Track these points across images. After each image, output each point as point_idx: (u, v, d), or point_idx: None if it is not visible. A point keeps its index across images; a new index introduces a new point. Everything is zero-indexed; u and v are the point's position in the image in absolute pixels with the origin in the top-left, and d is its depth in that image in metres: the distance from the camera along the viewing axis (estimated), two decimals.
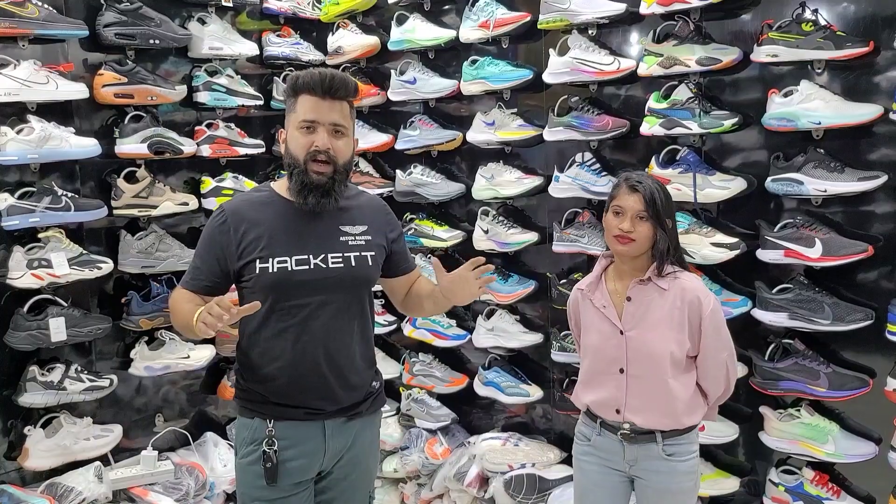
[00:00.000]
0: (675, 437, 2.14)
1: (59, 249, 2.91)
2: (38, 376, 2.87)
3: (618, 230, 2.11)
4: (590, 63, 2.90)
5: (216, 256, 1.99)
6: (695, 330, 2.12)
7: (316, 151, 1.93)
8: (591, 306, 2.23)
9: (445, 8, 3.48)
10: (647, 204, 2.08)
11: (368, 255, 2.05)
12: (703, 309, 2.10)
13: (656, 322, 2.12)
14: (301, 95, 1.96)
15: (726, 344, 2.17)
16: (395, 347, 3.83)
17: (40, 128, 2.85)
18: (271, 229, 1.97)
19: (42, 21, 2.87)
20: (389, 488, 3.63)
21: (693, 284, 2.15)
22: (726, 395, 2.25)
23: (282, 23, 3.82)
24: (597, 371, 2.22)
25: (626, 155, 3.04)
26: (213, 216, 2.04)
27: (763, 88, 2.62)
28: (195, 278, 2.02)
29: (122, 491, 3.08)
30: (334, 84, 1.94)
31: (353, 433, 2.06)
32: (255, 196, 2.07)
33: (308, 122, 1.94)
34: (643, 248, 2.12)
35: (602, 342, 2.19)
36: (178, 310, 2.00)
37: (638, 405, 2.14)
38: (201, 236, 2.05)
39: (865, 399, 2.47)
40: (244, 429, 2.04)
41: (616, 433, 2.17)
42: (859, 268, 2.50)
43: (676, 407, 2.11)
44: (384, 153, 3.71)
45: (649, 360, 2.12)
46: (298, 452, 1.99)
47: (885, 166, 2.42)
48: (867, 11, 2.46)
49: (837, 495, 2.54)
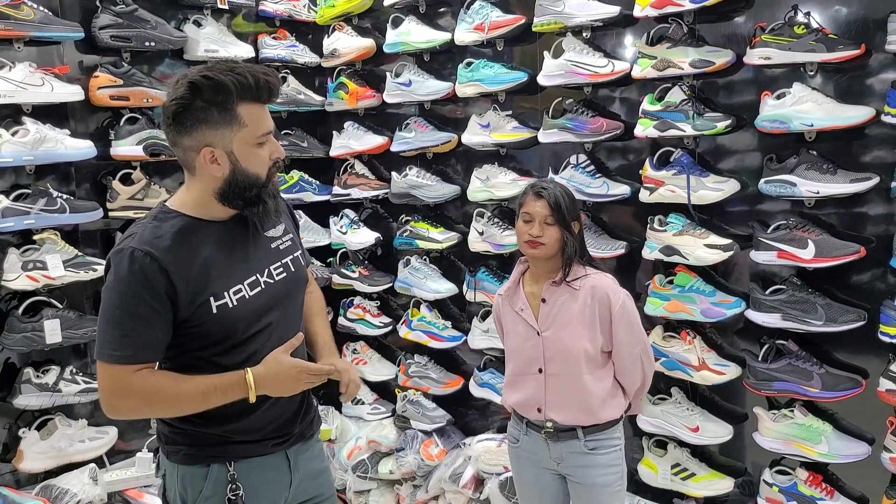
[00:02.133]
0: (595, 433, 2.23)
1: (55, 251, 2.91)
2: (32, 378, 2.87)
3: (528, 235, 2.21)
4: (584, 65, 2.91)
5: (162, 309, 1.62)
6: (606, 325, 2.21)
7: (278, 160, 1.73)
8: (510, 310, 2.33)
9: (440, 10, 3.49)
10: (553, 209, 2.19)
11: (297, 254, 1.89)
12: (613, 304, 2.19)
13: (569, 321, 2.21)
14: (244, 104, 1.63)
15: (639, 338, 2.26)
16: (391, 349, 3.84)
17: (35, 130, 2.85)
18: (212, 258, 1.68)
19: (37, 23, 2.87)
20: (385, 490, 3.63)
21: (602, 282, 2.23)
22: (644, 389, 2.34)
23: (277, 25, 3.83)
24: (518, 372, 2.31)
25: (620, 157, 3.05)
26: (130, 265, 1.60)
27: (756, 91, 2.64)
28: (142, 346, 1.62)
29: (117, 493, 3.08)
30: (271, 84, 1.67)
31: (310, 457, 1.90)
32: (169, 227, 1.67)
33: (267, 134, 1.69)
34: (552, 251, 2.22)
35: (521, 343, 2.29)
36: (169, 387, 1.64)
37: (557, 402, 2.23)
38: (124, 293, 1.61)
39: (858, 400, 2.48)
40: (196, 479, 1.73)
41: (540, 432, 2.26)
42: (852, 269, 2.51)
43: (592, 402, 2.20)
44: (379, 155, 3.71)
45: (565, 358, 2.21)
46: (267, 492, 1.78)
47: (878, 168, 2.43)
48: (859, 14, 2.47)
49: (831, 496, 2.54)
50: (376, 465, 3.60)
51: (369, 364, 3.80)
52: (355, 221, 3.73)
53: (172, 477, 1.76)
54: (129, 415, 1.77)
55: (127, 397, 1.65)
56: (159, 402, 1.66)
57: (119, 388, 1.64)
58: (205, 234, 1.70)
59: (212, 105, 1.61)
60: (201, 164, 1.66)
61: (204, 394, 1.65)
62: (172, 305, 1.63)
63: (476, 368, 3.41)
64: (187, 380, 1.66)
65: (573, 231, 2.22)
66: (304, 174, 3.82)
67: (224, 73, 1.61)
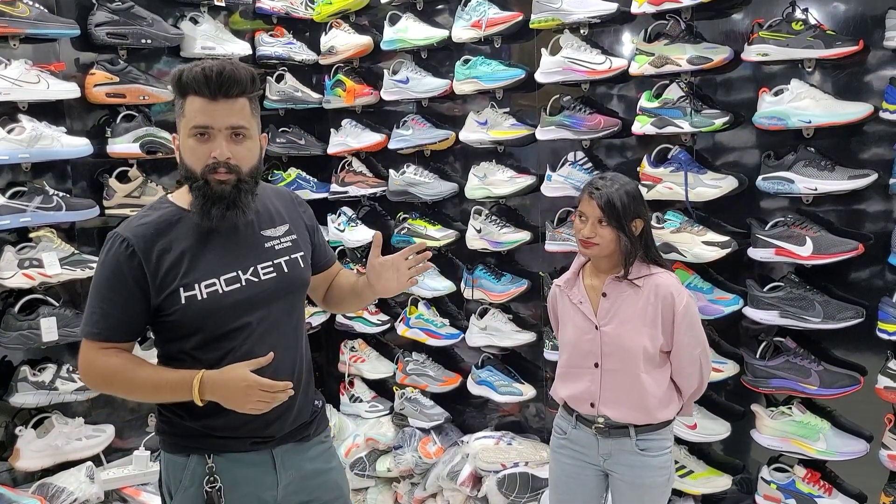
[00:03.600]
0: (648, 432, 2.20)
1: (51, 249, 2.90)
2: (29, 376, 2.86)
3: (581, 235, 2.20)
4: (582, 62, 2.90)
5: (130, 294, 1.68)
6: (668, 326, 2.17)
7: (215, 163, 1.66)
8: (568, 302, 2.29)
9: (438, 8, 3.48)
10: (604, 210, 2.15)
11: (298, 256, 1.85)
12: (676, 305, 2.16)
13: (630, 317, 2.18)
14: (189, 96, 1.67)
15: (699, 340, 2.22)
16: (389, 347, 3.84)
17: (31, 127, 2.84)
18: (190, 250, 1.70)
19: (33, 20, 2.86)
20: (383, 488, 3.64)
21: (667, 281, 2.19)
22: (700, 392, 2.30)
23: (275, 22, 3.82)
24: (573, 365, 2.28)
25: (618, 154, 3.04)
26: (110, 248, 1.71)
27: (754, 87, 2.63)
28: (115, 327, 1.70)
29: (114, 491, 3.08)
30: (224, 81, 1.65)
31: (306, 458, 1.85)
32: (157, 216, 1.74)
33: (201, 129, 1.67)
34: (607, 251, 2.19)
35: (578, 337, 2.25)
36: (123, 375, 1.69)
37: (611, 399, 2.20)
38: (100, 275, 1.71)
39: (856, 397, 2.48)
40: (176, 469, 1.75)
41: (591, 427, 2.23)
42: (850, 266, 2.51)
43: (649, 401, 2.17)
44: (377, 153, 3.71)
45: (623, 355, 2.18)
46: (247, 489, 1.76)
47: (876, 165, 2.43)
48: (857, 11, 2.47)
49: (829, 493, 2.54)
50: (374, 462, 3.60)
51: (367, 362, 3.80)
52: (353, 219, 3.73)
53: (163, 464, 1.81)
54: (95, 387, 1.86)
55: (91, 372, 1.74)
56: (117, 383, 1.74)
57: (86, 361, 1.74)
58: (189, 227, 1.73)
59: (175, 95, 1.72)
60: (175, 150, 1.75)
61: (155, 386, 1.70)
62: (142, 291, 1.68)
63: (474, 366, 3.41)
64: (145, 368, 1.72)
65: (630, 231, 2.16)
66: (301, 172, 3.81)
67: (189, 67, 1.68)
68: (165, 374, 1.71)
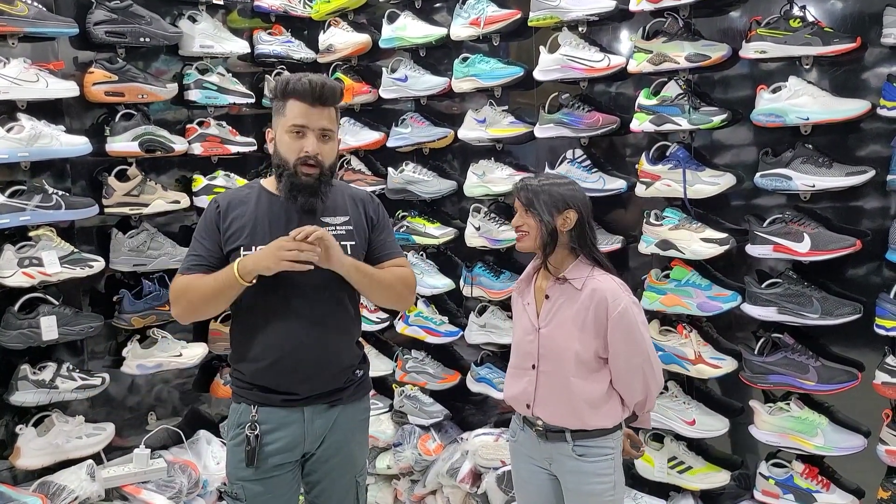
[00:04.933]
0: (585, 438, 2.15)
1: (51, 248, 2.91)
2: (29, 375, 2.86)
3: (511, 225, 2.23)
4: (580, 60, 2.91)
5: (215, 240, 2.10)
6: (602, 331, 2.10)
7: (306, 156, 2.03)
8: (520, 303, 2.30)
9: (436, 6, 3.49)
10: (521, 198, 2.17)
11: (348, 244, 2.13)
12: (610, 310, 2.08)
13: (565, 320, 2.15)
14: (291, 100, 2.05)
15: (640, 349, 2.12)
16: (388, 344, 3.84)
17: (30, 126, 2.85)
18: (255, 220, 2.09)
19: (32, 19, 2.86)
20: (383, 485, 3.64)
21: (604, 285, 2.12)
22: (649, 403, 2.22)
23: (273, 21, 3.83)
24: (515, 366, 2.29)
25: (616, 151, 3.05)
26: (207, 206, 2.17)
27: (752, 85, 2.64)
28: (199, 263, 2.09)
29: (114, 489, 3.08)
30: (325, 93, 2.04)
31: (335, 418, 2.14)
32: (244, 190, 2.19)
33: (298, 127, 2.04)
34: (536, 242, 2.16)
35: (522, 337, 2.26)
36: (193, 285, 2.05)
37: (544, 401, 2.19)
38: (198, 226, 2.15)
39: (854, 392, 2.49)
40: (233, 413, 2.17)
41: (532, 429, 2.23)
42: (847, 262, 2.52)
43: (580, 407, 2.12)
44: (376, 151, 3.71)
45: (556, 358, 2.16)
46: (279, 437, 2.10)
47: (873, 161, 2.44)
48: (854, 8, 2.48)
49: (827, 488, 2.55)
50: (374, 460, 3.60)
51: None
52: None
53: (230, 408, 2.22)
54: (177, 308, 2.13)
55: (174, 296, 2.12)
56: (190, 292, 2.06)
57: (172, 290, 2.14)
58: (264, 202, 2.11)
59: (276, 98, 2.09)
60: (268, 142, 2.14)
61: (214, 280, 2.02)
62: (221, 241, 2.09)
63: (473, 363, 3.41)
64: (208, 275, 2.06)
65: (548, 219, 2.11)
66: None
67: (292, 76, 2.06)
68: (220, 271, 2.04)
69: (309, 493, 2.23)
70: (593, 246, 2.20)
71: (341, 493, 2.21)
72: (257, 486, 2.10)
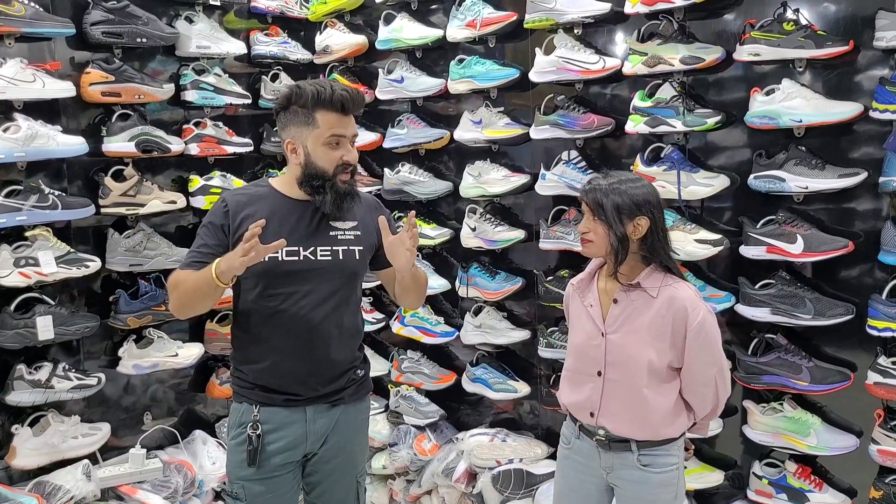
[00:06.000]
0: (651, 448, 2.08)
1: (47, 248, 2.91)
2: (25, 375, 2.86)
3: (578, 230, 2.17)
4: (575, 62, 2.92)
5: (220, 238, 2.10)
6: (679, 341, 2.04)
7: (346, 164, 2.08)
8: (579, 304, 2.19)
9: (433, 7, 3.50)
10: (590, 205, 2.07)
11: (356, 249, 2.16)
12: (690, 320, 2.02)
13: (638, 328, 2.06)
14: (321, 110, 2.05)
15: (716, 360, 2.08)
16: (384, 345, 3.84)
17: (27, 126, 2.85)
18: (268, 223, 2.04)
19: (29, 19, 2.86)
20: (378, 485, 3.65)
21: (682, 293, 2.05)
22: (716, 413, 2.16)
23: (269, 22, 3.82)
24: (577, 370, 2.19)
25: (611, 153, 3.06)
26: (215, 203, 2.17)
27: (746, 87, 2.65)
28: (197, 259, 2.08)
29: (110, 489, 3.08)
30: (356, 102, 2.08)
31: (336, 418, 2.16)
32: (254, 190, 2.20)
33: (337, 138, 2.06)
34: (603, 249, 2.07)
35: (585, 342, 2.16)
36: (182, 280, 2.06)
37: (611, 410, 2.09)
38: (204, 222, 2.15)
39: (847, 393, 2.51)
40: (235, 412, 2.18)
41: (592, 438, 2.14)
42: (840, 263, 2.54)
43: (651, 417, 2.05)
44: (372, 152, 3.71)
45: (626, 366, 2.07)
46: (281, 436, 2.11)
47: (866, 164, 2.46)
48: (847, 11, 2.50)
49: (820, 487, 2.57)
50: (370, 460, 3.61)
51: None
52: None
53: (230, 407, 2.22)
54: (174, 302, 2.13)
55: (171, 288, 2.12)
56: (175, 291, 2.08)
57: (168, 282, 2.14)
58: (273, 203, 2.12)
59: (303, 107, 2.05)
60: (286, 153, 2.12)
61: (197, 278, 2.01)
62: (227, 239, 2.08)
63: (469, 364, 3.42)
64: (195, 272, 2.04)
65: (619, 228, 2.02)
66: None
67: (313, 85, 2.04)
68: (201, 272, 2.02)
69: (309, 494, 2.24)
70: (666, 255, 2.10)
71: (342, 494, 2.23)
72: (258, 486, 2.11)
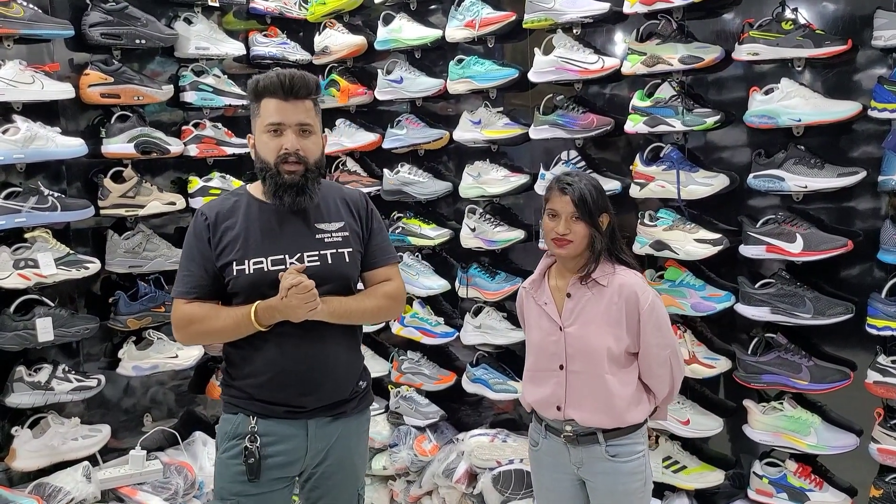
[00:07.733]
0: (617, 438, 2.13)
1: (46, 249, 2.91)
2: (25, 377, 2.86)
3: (554, 233, 2.12)
4: (574, 62, 2.92)
5: (207, 256, 2.01)
6: (633, 325, 2.11)
7: (286, 154, 1.95)
8: (533, 304, 2.25)
9: (431, 8, 3.50)
10: (577, 205, 2.09)
11: (346, 251, 2.05)
12: (641, 304, 2.10)
13: (594, 317, 2.13)
14: (264, 99, 1.98)
15: (668, 341, 2.16)
16: (384, 345, 3.84)
17: (26, 128, 2.84)
18: (247, 231, 2.00)
19: (27, 21, 2.86)
20: (379, 485, 3.65)
21: (630, 280, 2.14)
22: (673, 395, 2.24)
23: (268, 23, 3.83)
24: (539, 368, 2.23)
25: (610, 153, 3.07)
26: (193, 220, 2.06)
27: (745, 86, 2.66)
28: (198, 285, 2.00)
29: (110, 491, 3.08)
30: (295, 84, 1.95)
31: (338, 432, 2.08)
32: (230, 199, 2.09)
33: (274, 125, 1.96)
34: (581, 248, 2.13)
35: (543, 338, 2.21)
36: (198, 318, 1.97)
37: (577, 401, 2.14)
38: (186, 242, 2.05)
39: (847, 392, 2.51)
40: (227, 424, 2.06)
41: (560, 436, 2.18)
42: (840, 262, 2.54)
43: (616, 403, 2.11)
44: (371, 152, 3.72)
45: (587, 356, 2.13)
46: (280, 450, 2.02)
47: (865, 163, 2.46)
48: (846, 10, 2.50)
49: (820, 487, 2.57)
50: (370, 461, 3.61)
51: None
52: None
53: (221, 420, 2.11)
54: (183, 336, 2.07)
55: (179, 323, 2.03)
56: (197, 323, 1.99)
57: (175, 315, 2.04)
58: (253, 211, 2.02)
59: (251, 101, 2.01)
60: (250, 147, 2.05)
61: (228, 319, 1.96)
62: (212, 257, 2.00)
63: (469, 364, 3.42)
64: (221, 309, 2.00)
65: (601, 227, 2.12)
66: None
67: (265, 75, 1.98)
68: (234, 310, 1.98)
69: None
70: (620, 247, 2.19)
71: None
72: (251, 502, 2.02)
